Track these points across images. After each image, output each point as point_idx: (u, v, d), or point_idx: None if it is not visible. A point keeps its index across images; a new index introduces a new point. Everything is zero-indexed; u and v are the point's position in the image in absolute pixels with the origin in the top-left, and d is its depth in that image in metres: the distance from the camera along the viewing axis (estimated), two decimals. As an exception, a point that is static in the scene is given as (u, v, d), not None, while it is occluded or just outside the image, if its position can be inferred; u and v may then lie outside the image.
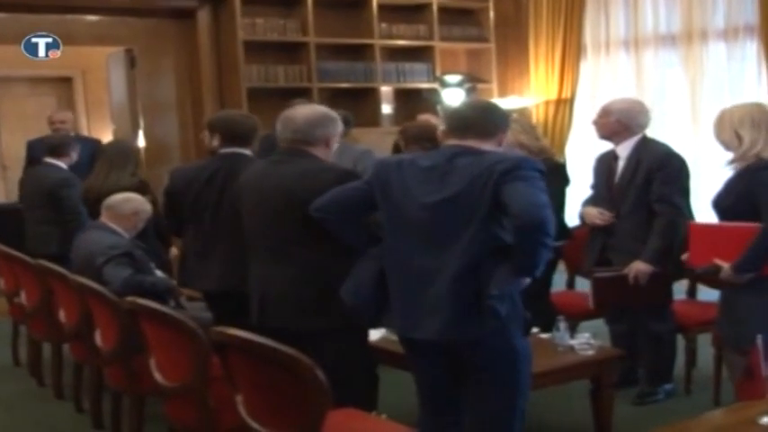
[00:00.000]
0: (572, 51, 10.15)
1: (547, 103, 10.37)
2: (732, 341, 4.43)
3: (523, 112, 9.89)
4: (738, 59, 8.94)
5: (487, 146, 3.59)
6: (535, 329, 4.94)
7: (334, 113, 4.37)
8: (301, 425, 3.28)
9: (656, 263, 5.12)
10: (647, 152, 5.30)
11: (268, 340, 3.39)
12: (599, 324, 5.81)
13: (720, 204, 4.42)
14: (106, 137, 11.02)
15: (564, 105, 10.22)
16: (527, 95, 10.50)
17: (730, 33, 8.99)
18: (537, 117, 10.40)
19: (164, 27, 9.58)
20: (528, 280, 3.53)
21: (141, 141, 9.75)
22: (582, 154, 9.12)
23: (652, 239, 5.17)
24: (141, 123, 9.99)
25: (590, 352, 4.69)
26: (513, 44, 10.81)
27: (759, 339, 3.74)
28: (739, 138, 4.35)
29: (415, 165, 3.65)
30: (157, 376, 4.22)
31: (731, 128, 4.39)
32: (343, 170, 4.21)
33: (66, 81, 13.28)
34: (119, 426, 5.08)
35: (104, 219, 5.44)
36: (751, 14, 8.70)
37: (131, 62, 9.70)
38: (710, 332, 5.16)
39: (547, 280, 5.81)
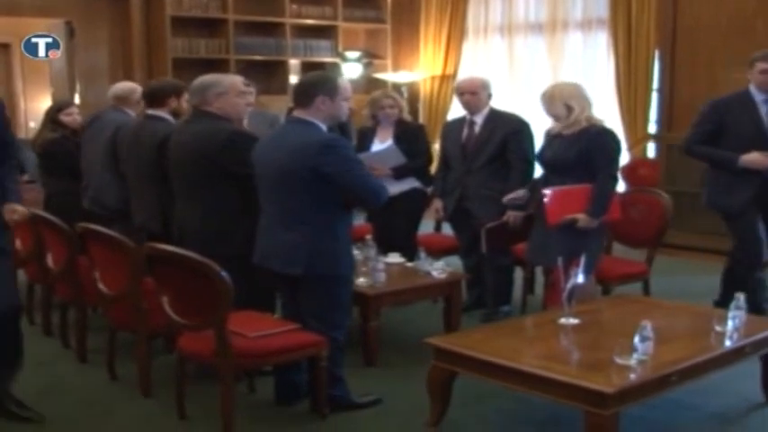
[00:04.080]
0: (456, 34, 11.09)
1: (433, 78, 11.31)
2: (544, 262, 5.57)
3: (411, 86, 10.87)
4: (592, 47, 9.97)
5: (311, 112, 4.42)
6: (403, 259, 5.93)
7: (213, 77, 5.11)
8: (212, 317, 4.16)
9: (521, 208, 5.98)
10: (502, 119, 6.28)
11: (187, 251, 4.27)
12: (455, 259, 6.68)
13: (558, 159, 5.40)
14: (41, 100, 11.59)
15: (447, 80, 11.16)
16: (417, 71, 11.40)
17: (586, 25, 10.02)
18: (424, 90, 11.36)
19: (100, 2, 10.20)
20: None
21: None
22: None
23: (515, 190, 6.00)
24: (78, 87, 10.58)
25: (443, 275, 5.65)
26: (406, 26, 11.70)
27: (560, 261, 4.70)
28: (569, 108, 5.37)
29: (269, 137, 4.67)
30: (101, 287, 5.03)
31: (562, 102, 5.42)
32: (233, 131, 4.93)
33: (5, 47, 13.57)
34: (66, 333, 5.79)
35: None
36: (603, 9, 9.70)
37: (71, 33, 10.24)
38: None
39: (415, 226, 6.81)
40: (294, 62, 11.10)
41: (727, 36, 8.61)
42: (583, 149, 5.32)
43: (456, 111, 10.72)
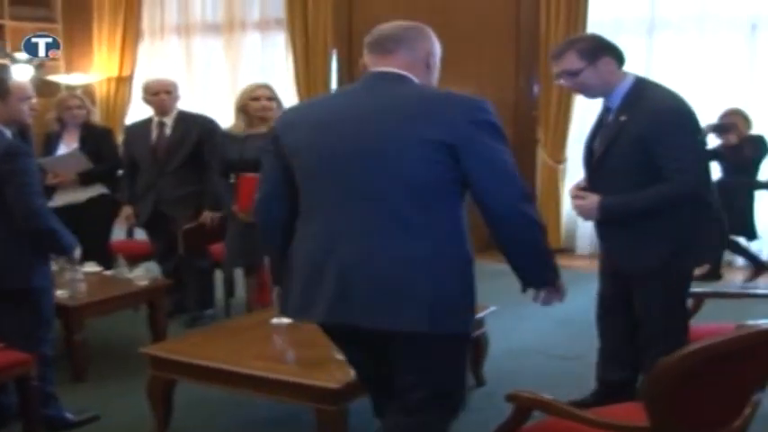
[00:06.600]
0: (131, 35, 10.88)
1: (109, 79, 11.03)
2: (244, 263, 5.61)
3: (86, 88, 10.52)
4: (271, 47, 10.13)
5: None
6: (100, 268, 5.74)
7: None
8: None
9: (217, 209, 5.97)
10: (192, 119, 6.32)
11: None
12: (153, 264, 6.52)
13: None
14: None
15: (123, 82, 10.95)
16: (91, 73, 11.04)
17: (264, 25, 10.16)
18: (101, 92, 11.03)
19: None
20: None
21: None
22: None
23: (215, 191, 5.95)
24: None
25: (146, 282, 5.52)
26: (78, 26, 11.27)
27: (266, 260, 4.74)
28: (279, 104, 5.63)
29: None
30: None
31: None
32: None
33: None
34: None
35: None
36: (280, 10, 9.85)
37: None
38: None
39: (106, 233, 6.65)
40: (-43, 64, 10.36)
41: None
42: None
43: (135, 114, 10.58)
